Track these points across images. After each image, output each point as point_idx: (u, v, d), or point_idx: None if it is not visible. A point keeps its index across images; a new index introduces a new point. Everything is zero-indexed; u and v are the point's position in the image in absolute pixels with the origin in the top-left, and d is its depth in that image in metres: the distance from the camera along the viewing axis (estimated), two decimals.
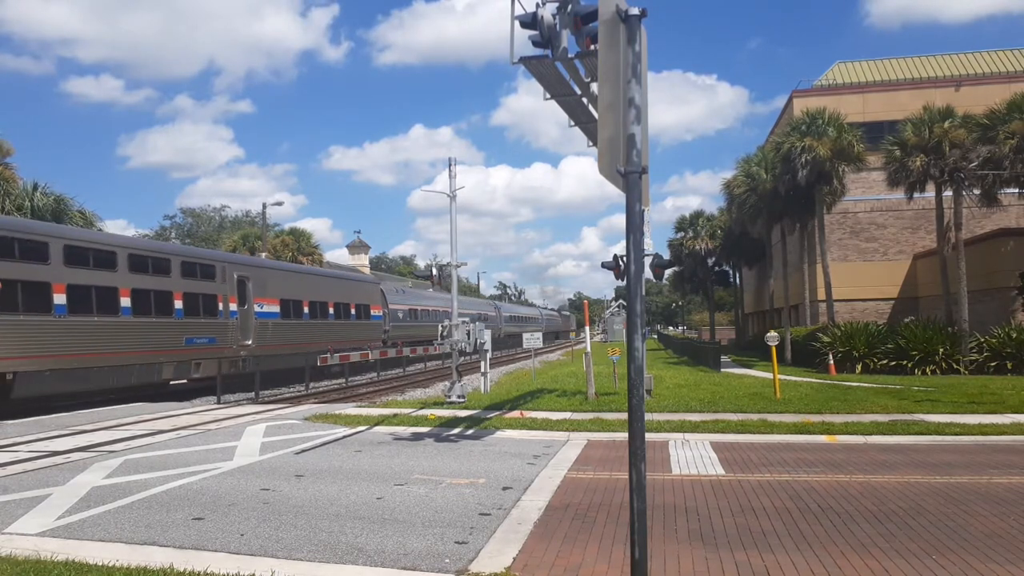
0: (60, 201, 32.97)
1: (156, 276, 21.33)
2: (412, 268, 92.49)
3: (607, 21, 4.21)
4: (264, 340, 25.53)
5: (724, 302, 76.37)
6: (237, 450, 11.32)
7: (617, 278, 15.73)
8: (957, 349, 24.81)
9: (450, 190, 17.64)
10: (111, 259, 19.94)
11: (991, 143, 24.77)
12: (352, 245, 71.06)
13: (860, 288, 37.98)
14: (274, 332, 26.27)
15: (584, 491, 8.38)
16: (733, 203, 36.75)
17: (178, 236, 73.51)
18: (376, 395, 23.49)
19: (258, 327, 25.20)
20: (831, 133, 30.34)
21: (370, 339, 33.17)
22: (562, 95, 10.94)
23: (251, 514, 7.38)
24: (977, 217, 33.38)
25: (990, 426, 12.45)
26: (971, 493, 8.01)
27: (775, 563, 5.78)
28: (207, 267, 23.61)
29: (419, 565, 5.78)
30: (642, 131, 4.15)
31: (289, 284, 27.88)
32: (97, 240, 20.98)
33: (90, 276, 19.18)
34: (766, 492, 8.19)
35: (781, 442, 11.63)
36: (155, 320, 21.01)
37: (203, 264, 23.61)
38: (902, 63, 43.74)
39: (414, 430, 13.28)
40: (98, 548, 6.23)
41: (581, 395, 17.62)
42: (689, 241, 52.02)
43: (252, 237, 50.20)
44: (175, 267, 22.02)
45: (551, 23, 8.64)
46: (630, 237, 4.08)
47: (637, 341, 4.06)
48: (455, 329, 16.34)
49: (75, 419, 15.39)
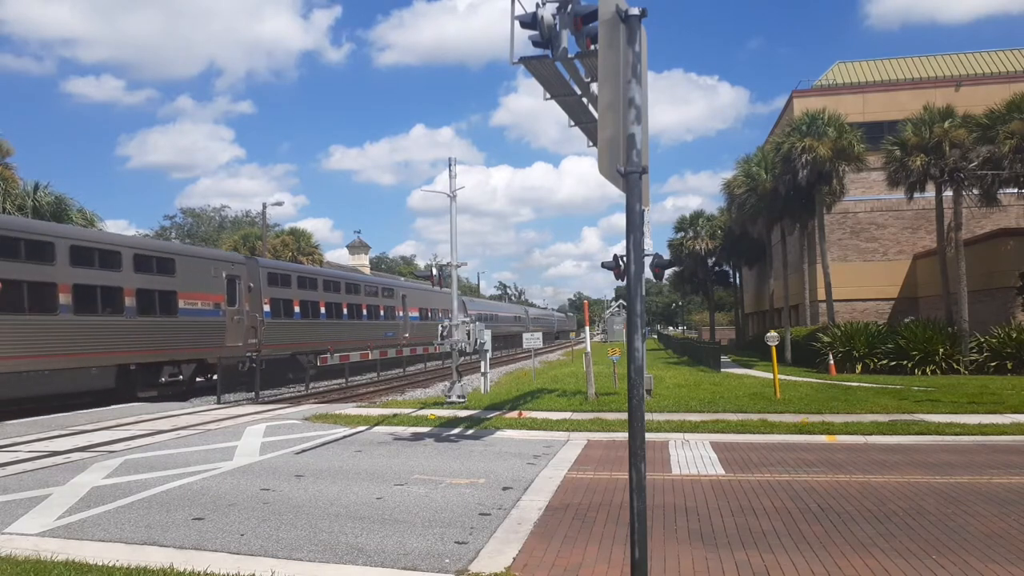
0: (61, 201, 33.02)
1: (369, 296, 35.19)
2: (412, 268, 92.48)
3: (607, 21, 4.20)
4: (413, 333, 39.42)
5: (724, 302, 76.32)
6: (237, 450, 11.32)
7: (617, 278, 15.73)
8: (957, 349, 24.81)
9: (450, 190, 17.64)
10: (314, 282, 30.32)
11: (991, 143, 24.75)
12: (352, 245, 71.07)
13: (860, 288, 37.96)
14: (417, 329, 40.20)
15: (584, 491, 8.38)
16: (733, 203, 36.72)
17: (178, 236, 73.54)
18: (376, 395, 23.48)
19: (413, 326, 39.76)
20: (831, 133, 30.32)
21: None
22: (562, 95, 10.93)
23: (251, 514, 7.37)
24: (977, 217, 33.38)
25: (990, 426, 12.44)
26: (971, 493, 8.01)
27: (775, 563, 5.78)
28: (390, 290, 38.58)
29: (419, 565, 5.78)
30: (642, 131, 4.14)
31: (420, 298, 42.13)
32: (308, 272, 31.90)
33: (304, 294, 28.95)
34: (766, 492, 8.19)
35: (781, 442, 11.63)
36: (374, 322, 35.11)
37: (388, 288, 38.68)
38: (902, 63, 43.73)
39: (414, 430, 13.28)
40: (98, 548, 6.23)
41: (581, 395, 17.61)
42: (689, 241, 51.96)
43: (252, 237, 50.24)
44: (375, 290, 36.57)
45: (551, 23, 8.64)
46: (630, 237, 4.07)
47: (637, 341, 4.06)
48: (455, 329, 16.34)
49: (75, 419, 15.39)
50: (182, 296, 21.93)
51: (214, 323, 23.42)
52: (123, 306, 19.79)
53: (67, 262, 18.18)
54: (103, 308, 19.24)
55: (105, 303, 19.33)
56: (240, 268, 25.15)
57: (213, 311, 23.46)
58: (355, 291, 34.08)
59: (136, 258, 20.46)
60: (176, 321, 21.65)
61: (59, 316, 17.87)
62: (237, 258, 26.33)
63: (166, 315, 21.29)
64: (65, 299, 18.02)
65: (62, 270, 18.08)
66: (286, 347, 27.55)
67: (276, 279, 27.49)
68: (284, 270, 29.36)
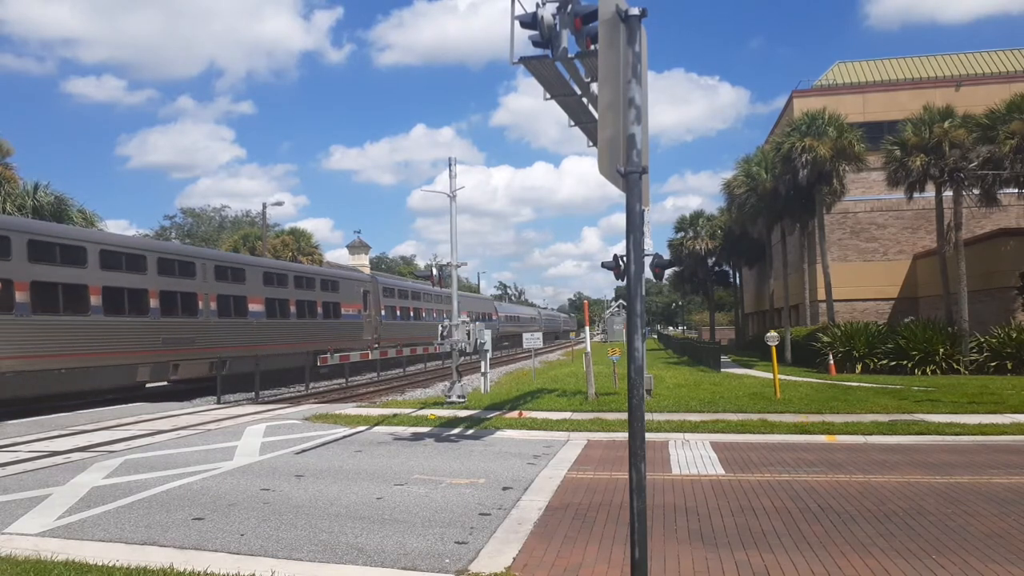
0: (61, 201, 33.03)
1: (436, 302, 44.75)
2: (412, 268, 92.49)
3: (607, 21, 4.20)
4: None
5: (724, 302, 76.29)
6: (237, 450, 11.32)
7: (617, 278, 15.73)
8: (957, 349, 24.80)
9: (450, 190, 17.64)
10: (416, 294, 42.13)
11: (991, 143, 24.75)
12: (352, 245, 71.07)
13: (860, 288, 37.96)
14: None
15: (584, 491, 8.38)
16: (733, 203, 36.71)
17: (178, 236, 73.51)
18: (376, 395, 23.49)
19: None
20: (831, 133, 30.32)
21: None
22: (562, 95, 10.93)
23: (251, 514, 7.37)
24: (977, 217, 33.38)
25: (990, 426, 12.44)
26: (971, 493, 8.01)
27: (775, 563, 5.78)
28: (448, 297, 49.13)
29: (419, 565, 5.78)
30: (642, 131, 4.14)
31: (474, 304, 51.25)
32: (409, 286, 41.93)
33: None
34: (766, 492, 8.19)
35: (781, 442, 11.63)
36: (427, 322, 42.06)
37: (447, 296, 51.80)
38: (902, 63, 43.72)
39: (414, 430, 13.27)
40: (98, 548, 6.23)
41: (581, 395, 17.61)
42: (689, 241, 51.94)
43: (252, 237, 50.27)
44: (441, 297, 44.08)
45: (551, 23, 8.63)
46: (630, 237, 4.07)
47: (637, 341, 4.06)
48: (455, 329, 16.34)
49: (75, 419, 15.39)
50: (343, 306, 32.78)
51: (357, 324, 33.83)
52: (316, 312, 30.43)
53: (260, 281, 26.81)
54: (308, 315, 29.69)
55: (301, 312, 29.19)
56: (369, 284, 36.04)
57: (356, 316, 33.91)
58: (436, 300, 46.61)
59: (322, 282, 31.50)
60: (340, 322, 32.35)
61: (289, 320, 28.31)
62: (366, 277, 38.10)
63: (335, 318, 31.94)
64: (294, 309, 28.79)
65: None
66: (395, 342, 35.57)
67: (391, 292, 39.04)
68: (394, 285, 41.42)
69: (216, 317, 24.07)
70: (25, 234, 17.72)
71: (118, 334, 19.80)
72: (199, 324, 23.30)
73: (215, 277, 24.23)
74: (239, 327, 25.18)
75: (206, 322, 23.61)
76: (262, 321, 26.49)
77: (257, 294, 26.37)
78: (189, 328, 22.78)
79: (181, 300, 22.53)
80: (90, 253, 19.30)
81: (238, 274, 25.75)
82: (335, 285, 32.40)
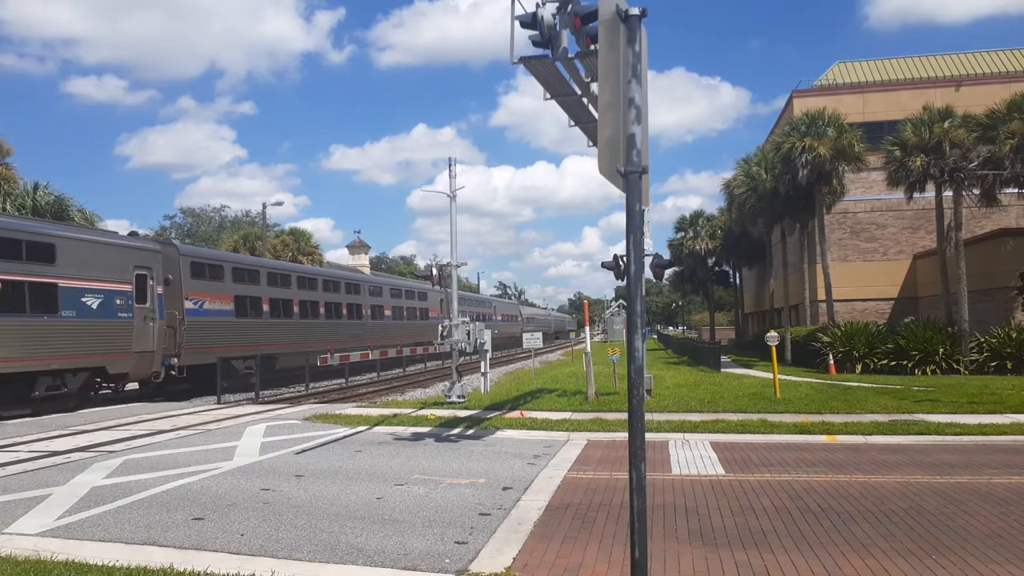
0: (61, 201, 33.00)
1: (485, 307, 57.14)
2: (412, 268, 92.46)
3: (607, 21, 4.19)
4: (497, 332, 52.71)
5: (724, 302, 76.30)
6: (237, 450, 11.32)
7: (617, 278, 15.71)
8: (957, 349, 24.80)
9: (450, 190, 17.62)
10: (481, 301, 58.00)
11: (991, 143, 24.73)
12: (352, 245, 71.09)
13: (860, 288, 37.96)
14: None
15: (584, 491, 8.38)
16: (733, 203, 36.69)
17: (178, 236, 73.49)
18: (376, 395, 23.48)
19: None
20: (831, 133, 30.30)
21: (514, 335, 61.28)
22: (562, 95, 10.93)
23: (251, 514, 7.37)
24: (977, 217, 33.39)
25: (990, 426, 12.44)
26: (971, 493, 8.01)
27: (775, 563, 5.78)
28: (488, 302, 61.13)
29: (419, 565, 5.78)
30: (642, 131, 4.14)
31: (493, 309, 60.14)
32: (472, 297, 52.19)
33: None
34: (766, 492, 8.19)
35: (781, 442, 11.63)
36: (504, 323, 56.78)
37: (487, 301, 60.51)
38: (902, 63, 43.72)
39: (414, 430, 13.27)
40: (98, 548, 6.23)
41: (581, 395, 17.61)
42: (689, 241, 51.92)
43: (252, 237, 50.23)
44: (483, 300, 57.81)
45: (551, 23, 8.64)
46: (630, 237, 4.07)
47: (637, 341, 4.05)
48: (455, 329, 16.31)
49: (75, 419, 15.39)
50: (431, 311, 41.52)
51: (430, 325, 38.38)
52: (416, 316, 40.42)
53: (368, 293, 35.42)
54: (382, 318, 36.53)
55: (376, 315, 35.89)
56: (441, 293, 42.98)
57: (433, 318, 39.87)
58: (487, 305, 57.91)
59: (418, 294, 41.03)
60: (427, 323, 40.12)
61: (383, 321, 36.51)
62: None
63: (423, 320, 40.95)
64: (386, 312, 37.17)
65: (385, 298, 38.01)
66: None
67: (461, 299, 43.87)
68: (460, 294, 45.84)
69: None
70: (264, 268, 27.51)
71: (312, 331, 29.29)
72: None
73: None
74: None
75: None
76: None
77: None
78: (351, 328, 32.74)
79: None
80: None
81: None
82: (425, 295, 41.29)
